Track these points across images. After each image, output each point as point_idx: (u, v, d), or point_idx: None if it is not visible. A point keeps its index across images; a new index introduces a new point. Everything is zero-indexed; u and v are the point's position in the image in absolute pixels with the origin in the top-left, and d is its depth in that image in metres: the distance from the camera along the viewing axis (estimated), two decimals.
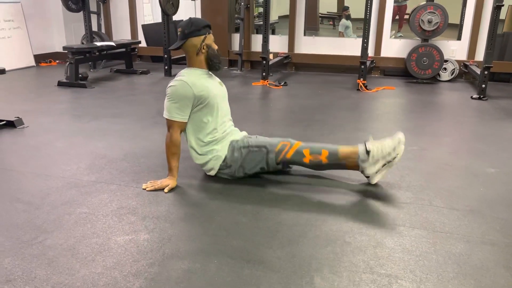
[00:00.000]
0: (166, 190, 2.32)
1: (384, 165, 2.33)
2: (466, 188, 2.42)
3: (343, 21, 7.70)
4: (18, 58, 6.40)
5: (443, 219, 2.06)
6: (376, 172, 2.35)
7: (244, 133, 2.62)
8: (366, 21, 5.22)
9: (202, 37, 2.36)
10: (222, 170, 2.44)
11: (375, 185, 2.42)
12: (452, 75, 5.87)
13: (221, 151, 2.41)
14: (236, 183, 2.42)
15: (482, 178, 2.58)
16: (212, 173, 2.47)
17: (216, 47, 2.43)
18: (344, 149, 2.34)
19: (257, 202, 2.22)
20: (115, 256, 1.72)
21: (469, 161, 2.86)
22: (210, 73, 2.48)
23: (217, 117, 2.41)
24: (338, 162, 2.36)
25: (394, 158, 2.29)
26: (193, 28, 2.34)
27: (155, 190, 2.33)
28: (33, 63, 6.63)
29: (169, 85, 2.38)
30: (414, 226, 1.99)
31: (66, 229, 1.93)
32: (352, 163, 2.38)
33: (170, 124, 2.35)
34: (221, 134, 2.43)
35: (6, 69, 6.05)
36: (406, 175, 2.58)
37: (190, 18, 2.40)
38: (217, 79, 2.56)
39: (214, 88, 2.44)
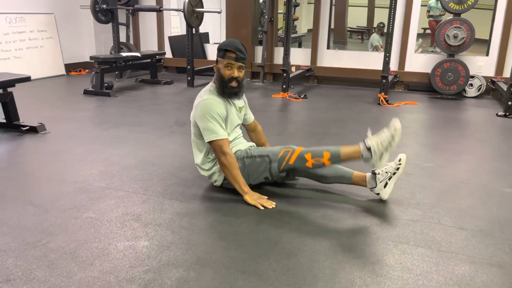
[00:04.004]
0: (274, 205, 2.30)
1: (391, 177, 2.29)
2: (478, 208, 2.34)
3: (376, 36, 7.69)
4: (49, 67, 6.66)
5: (450, 238, 2.00)
6: (385, 170, 2.32)
7: (251, 144, 2.62)
8: (388, 35, 5.18)
9: (217, 58, 2.38)
10: (226, 180, 2.44)
11: (383, 201, 2.37)
12: (478, 91, 5.71)
13: None
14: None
15: (498, 198, 2.48)
16: (217, 183, 2.48)
17: (229, 74, 2.32)
18: (345, 149, 2.29)
19: (261, 213, 2.22)
20: (113, 261, 1.75)
21: (486, 180, 2.77)
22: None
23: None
24: (340, 162, 2.34)
25: (391, 143, 2.20)
26: (218, 48, 2.37)
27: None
28: (63, 71, 6.88)
29: (200, 104, 2.33)
30: (418, 244, 1.94)
31: (70, 232, 1.98)
32: (359, 179, 2.39)
33: (220, 144, 2.28)
34: None
35: (38, 77, 6.30)
36: (418, 192, 2.52)
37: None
38: (237, 104, 2.48)
39: (232, 113, 2.45)
